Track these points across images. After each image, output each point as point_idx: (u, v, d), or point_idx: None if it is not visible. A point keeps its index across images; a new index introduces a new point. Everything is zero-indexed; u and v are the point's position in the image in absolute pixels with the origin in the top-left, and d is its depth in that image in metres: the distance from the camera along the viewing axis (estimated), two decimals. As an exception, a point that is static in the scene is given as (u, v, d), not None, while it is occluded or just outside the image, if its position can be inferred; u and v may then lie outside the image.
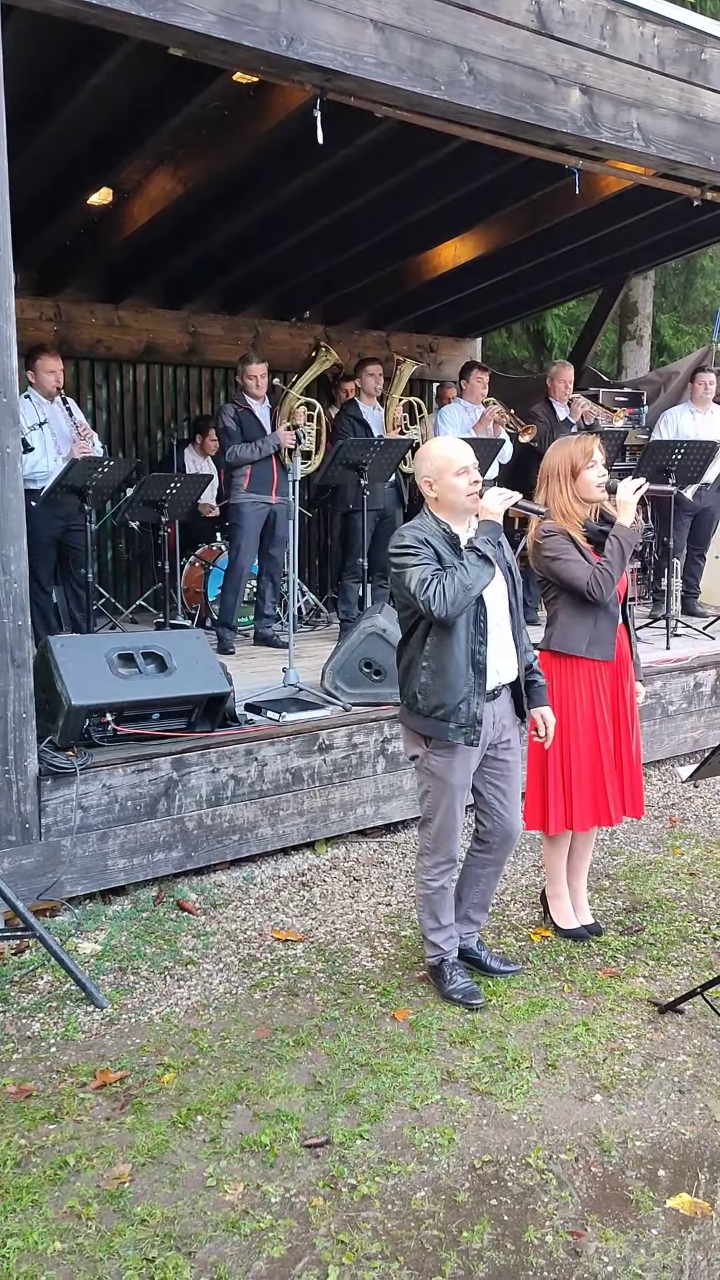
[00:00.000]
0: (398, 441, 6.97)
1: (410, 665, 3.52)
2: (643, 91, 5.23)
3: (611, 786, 3.94)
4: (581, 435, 3.97)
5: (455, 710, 3.41)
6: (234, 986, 3.76)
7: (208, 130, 6.23)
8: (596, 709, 3.90)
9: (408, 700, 3.54)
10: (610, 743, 3.94)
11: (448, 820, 3.57)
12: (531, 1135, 2.96)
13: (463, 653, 3.41)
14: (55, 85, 5.48)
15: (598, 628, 3.88)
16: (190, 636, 4.82)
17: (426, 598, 3.29)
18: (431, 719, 3.45)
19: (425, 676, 3.43)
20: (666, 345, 14.41)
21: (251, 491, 6.83)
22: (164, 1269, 2.45)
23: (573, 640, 3.89)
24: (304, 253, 8.04)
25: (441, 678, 3.41)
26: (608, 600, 3.83)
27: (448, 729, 3.43)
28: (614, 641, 3.92)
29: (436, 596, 3.28)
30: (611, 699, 3.96)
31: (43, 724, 4.19)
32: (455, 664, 3.40)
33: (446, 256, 8.59)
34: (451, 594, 3.28)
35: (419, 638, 3.47)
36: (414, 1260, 2.51)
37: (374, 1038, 3.41)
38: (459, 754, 3.49)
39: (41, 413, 6.25)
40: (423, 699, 3.45)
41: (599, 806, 3.94)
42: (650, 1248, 2.56)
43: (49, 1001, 3.63)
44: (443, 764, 3.51)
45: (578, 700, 3.89)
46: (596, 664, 3.90)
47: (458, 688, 3.40)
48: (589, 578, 3.77)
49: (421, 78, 4.48)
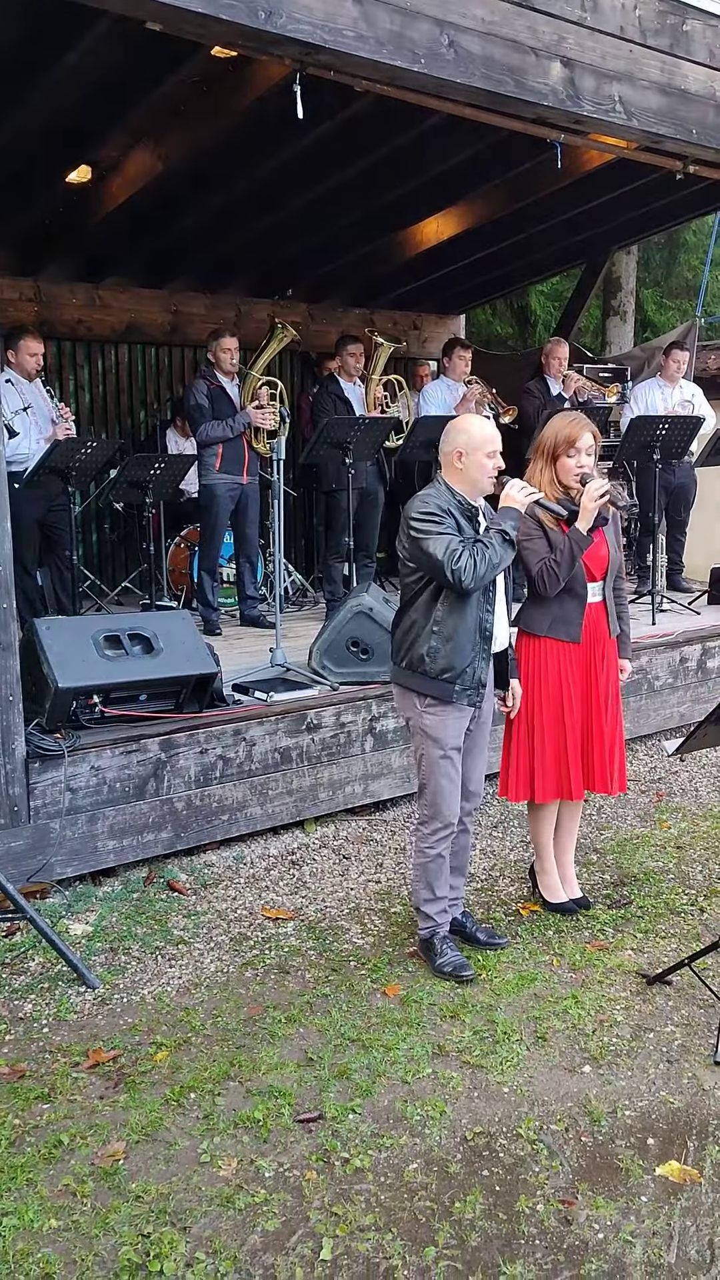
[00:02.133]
0: (382, 420, 6.93)
1: (413, 629, 3.60)
2: (624, 64, 5.19)
3: (574, 763, 3.95)
4: (576, 419, 3.92)
5: (462, 674, 3.55)
6: (225, 965, 3.77)
7: (187, 106, 6.16)
8: (564, 688, 3.92)
9: (409, 662, 3.61)
10: (577, 721, 3.95)
11: (443, 782, 3.62)
12: (522, 1106, 2.99)
13: (473, 620, 3.55)
14: (30, 61, 5.40)
15: (562, 609, 3.89)
16: (176, 618, 4.81)
17: (458, 568, 3.41)
18: (439, 681, 3.56)
19: (435, 641, 3.54)
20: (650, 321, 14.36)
21: (224, 472, 6.77)
22: (159, 1244, 2.47)
23: (536, 621, 3.93)
24: (285, 230, 7.97)
25: (452, 642, 3.54)
26: (551, 594, 3.84)
27: (453, 690, 3.56)
28: (580, 623, 3.91)
29: (468, 570, 3.42)
30: (582, 677, 3.95)
31: (29, 707, 4.18)
32: (465, 630, 3.54)
33: (429, 233, 8.53)
34: (482, 569, 3.44)
35: (425, 603, 3.57)
36: (407, 1231, 2.54)
37: (365, 1013, 3.44)
38: (450, 715, 3.58)
39: (25, 397, 6.21)
40: (431, 661, 3.55)
41: (562, 781, 3.96)
42: (640, 1215, 2.60)
43: (40, 983, 3.64)
44: (436, 722, 3.58)
45: (544, 678, 3.92)
46: (563, 644, 3.91)
47: (466, 652, 3.55)
48: (537, 571, 3.82)
49: (401, 51, 4.44)
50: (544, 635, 3.91)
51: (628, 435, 7.07)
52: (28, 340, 6.35)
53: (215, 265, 8.72)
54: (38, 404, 6.34)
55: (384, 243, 8.66)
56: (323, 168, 7.06)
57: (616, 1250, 2.49)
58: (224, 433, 6.70)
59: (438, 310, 10.39)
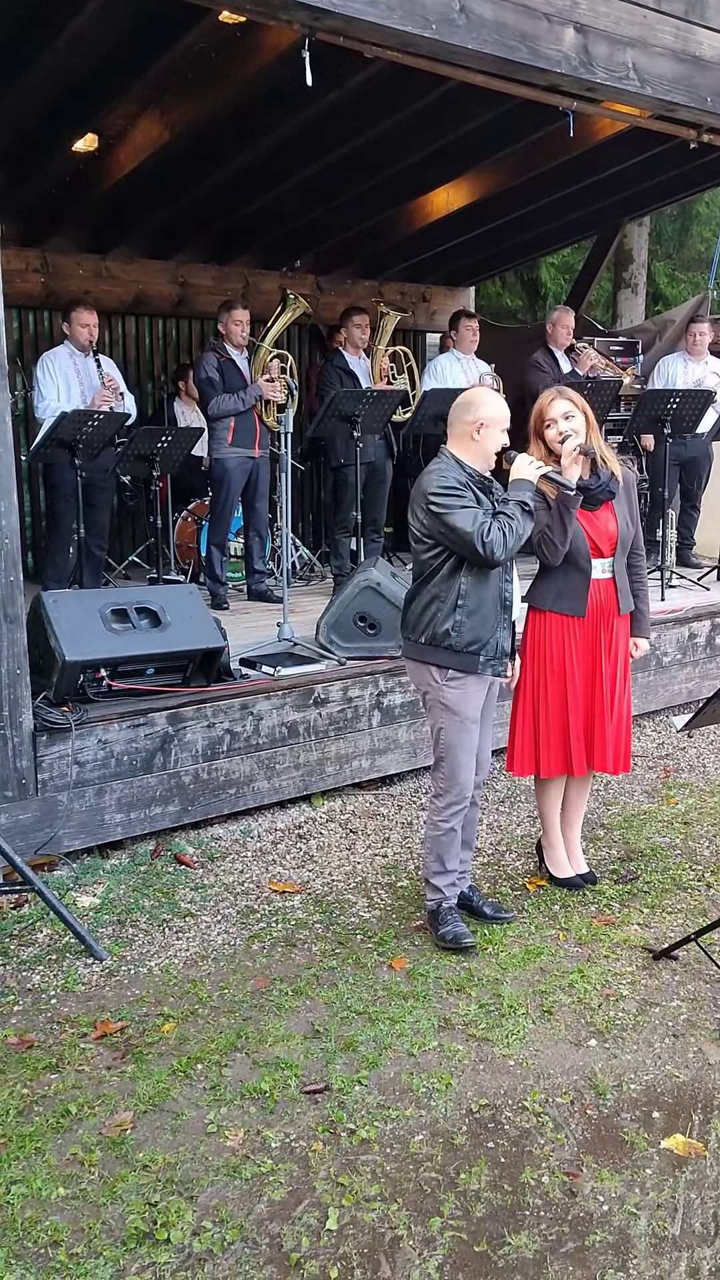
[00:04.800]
0: (390, 393, 6.88)
1: (432, 604, 3.59)
2: (638, 30, 5.11)
3: (578, 739, 3.93)
4: (547, 392, 3.87)
5: (487, 645, 3.58)
6: (232, 938, 3.79)
7: (194, 74, 6.08)
8: (567, 663, 3.90)
9: (430, 637, 3.59)
10: (581, 697, 3.93)
11: (461, 755, 3.63)
12: (528, 1079, 3.00)
13: (495, 591, 3.58)
14: (36, 28, 5.34)
15: (567, 584, 3.87)
16: (184, 591, 4.80)
17: (490, 540, 3.41)
18: (464, 654, 3.57)
19: (460, 615, 3.55)
20: (662, 293, 14.24)
21: (236, 445, 6.74)
22: (166, 1213, 2.49)
23: (541, 595, 3.91)
24: (294, 200, 7.89)
25: (478, 614, 3.55)
26: (555, 562, 3.82)
27: (478, 662, 3.58)
28: (585, 598, 3.87)
29: (498, 542, 3.42)
30: (588, 653, 3.92)
31: (37, 680, 4.18)
32: (490, 602, 3.57)
33: (439, 203, 8.44)
34: (511, 541, 3.46)
35: (445, 577, 3.56)
36: (412, 1201, 2.55)
37: (371, 986, 3.45)
38: (471, 686, 3.59)
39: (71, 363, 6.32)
40: (456, 635, 3.55)
41: (567, 757, 3.96)
42: (645, 1187, 2.61)
43: (49, 954, 3.66)
44: (457, 695, 3.59)
45: (549, 653, 3.91)
46: (567, 618, 3.89)
47: (490, 624, 3.58)
48: (538, 540, 3.80)
49: (412, 16, 4.37)
50: (548, 610, 3.89)
51: (638, 409, 7.01)
52: (81, 311, 6.39)
53: (223, 236, 8.65)
54: (88, 375, 6.35)
55: (393, 214, 8.57)
56: (332, 137, 6.98)
57: (621, 1222, 2.50)
58: (236, 406, 6.67)
59: (447, 283, 10.30)
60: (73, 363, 6.35)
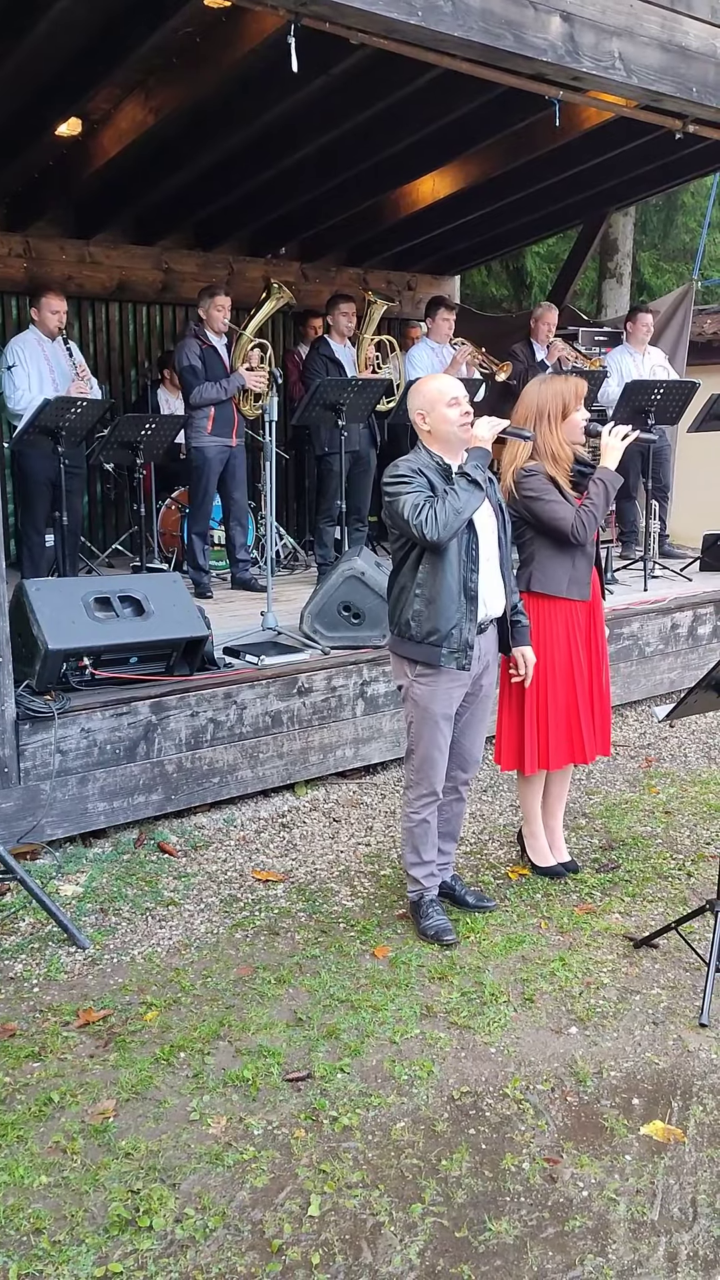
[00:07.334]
0: (375, 381, 6.87)
1: (401, 593, 3.57)
2: (624, 19, 5.10)
3: (585, 725, 3.98)
4: (568, 375, 3.94)
5: (448, 636, 3.49)
6: (215, 926, 3.79)
7: (179, 58, 6.04)
8: (573, 648, 3.93)
9: (399, 628, 3.58)
10: (585, 682, 3.98)
11: (429, 751, 3.61)
12: (509, 1067, 3.02)
13: (455, 580, 3.47)
14: (18, 10, 5.28)
15: (576, 567, 3.90)
16: (167, 580, 4.79)
17: (419, 522, 3.35)
18: (425, 645, 3.51)
19: (419, 604, 3.49)
20: (647, 284, 14.24)
21: (215, 434, 6.71)
22: (149, 1200, 2.49)
23: (553, 581, 3.90)
24: (279, 187, 7.85)
25: (435, 604, 3.48)
26: (586, 540, 3.85)
27: (440, 654, 3.50)
28: (589, 581, 3.94)
29: (429, 520, 3.35)
30: (585, 638, 3.99)
31: (19, 668, 4.16)
32: (448, 591, 3.47)
33: (424, 191, 8.42)
34: (444, 517, 3.35)
35: (410, 566, 3.52)
36: (394, 1188, 2.57)
37: (354, 974, 3.46)
38: (441, 684, 3.54)
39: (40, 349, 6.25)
40: (415, 625, 3.51)
41: (574, 745, 3.98)
42: (624, 1173, 2.63)
43: (31, 943, 3.65)
44: (426, 692, 3.56)
45: (555, 640, 3.91)
46: (574, 604, 3.92)
47: (450, 614, 3.47)
48: (574, 519, 3.79)
49: (398, 2, 4.35)
50: (562, 596, 3.90)
51: (622, 400, 7.02)
52: (50, 297, 6.34)
53: (207, 223, 8.61)
54: (58, 362, 6.30)
55: (379, 201, 8.54)
56: (317, 123, 6.94)
57: (600, 1207, 2.52)
58: (218, 394, 6.63)
59: (432, 271, 10.27)
60: (41, 349, 6.32)
